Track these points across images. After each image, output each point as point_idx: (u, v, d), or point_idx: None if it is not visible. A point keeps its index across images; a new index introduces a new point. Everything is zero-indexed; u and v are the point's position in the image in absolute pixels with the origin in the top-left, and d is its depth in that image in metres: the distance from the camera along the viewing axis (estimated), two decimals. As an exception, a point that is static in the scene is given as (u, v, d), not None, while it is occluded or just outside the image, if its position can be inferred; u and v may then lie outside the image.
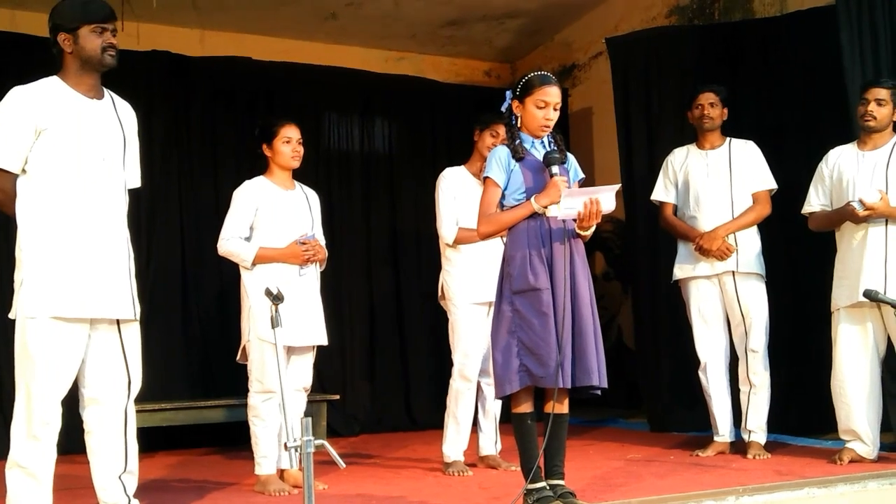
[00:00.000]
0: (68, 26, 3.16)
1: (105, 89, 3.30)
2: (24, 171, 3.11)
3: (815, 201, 4.53)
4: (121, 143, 3.28)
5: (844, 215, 4.29)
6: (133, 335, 3.27)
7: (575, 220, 3.30)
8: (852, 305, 4.28)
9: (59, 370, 3.06)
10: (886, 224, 4.21)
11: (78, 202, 3.12)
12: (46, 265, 3.06)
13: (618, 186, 3.37)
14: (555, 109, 3.40)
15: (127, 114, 3.36)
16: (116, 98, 3.34)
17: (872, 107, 4.33)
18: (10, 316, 3.14)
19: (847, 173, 4.37)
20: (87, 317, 3.11)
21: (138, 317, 3.28)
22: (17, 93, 3.12)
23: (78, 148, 3.13)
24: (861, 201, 4.17)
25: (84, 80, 3.20)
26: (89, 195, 3.14)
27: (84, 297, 3.08)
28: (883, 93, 4.32)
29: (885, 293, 4.06)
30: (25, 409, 3.04)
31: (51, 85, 3.16)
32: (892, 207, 4.18)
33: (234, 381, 4.80)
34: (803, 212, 4.58)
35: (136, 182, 3.43)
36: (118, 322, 3.21)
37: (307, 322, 4.16)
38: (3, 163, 3.08)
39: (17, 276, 3.11)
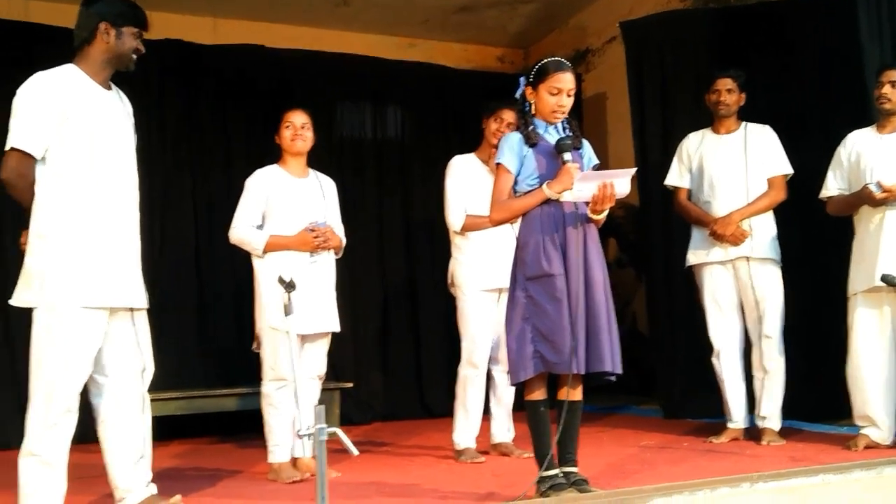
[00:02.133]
0: (117, 20, 3.20)
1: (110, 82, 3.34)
2: (42, 159, 3.11)
3: (833, 185, 4.48)
4: (132, 133, 3.34)
5: (862, 198, 4.25)
6: (144, 323, 3.32)
7: (588, 203, 3.27)
8: (869, 290, 4.24)
9: (84, 358, 3.09)
10: None
11: (97, 191, 3.14)
12: (69, 254, 3.07)
13: (633, 170, 3.34)
14: (568, 96, 3.38)
15: (130, 107, 3.41)
16: (119, 91, 3.38)
17: (887, 89, 4.29)
18: (12, 302, 3.12)
19: (865, 157, 4.33)
20: (109, 306, 3.14)
21: (147, 305, 3.32)
22: (41, 78, 3.13)
23: (96, 137, 3.16)
24: (879, 184, 4.12)
25: (102, 73, 3.24)
26: (108, 184, 3.17)
27: (106, 286, 3.11)
28: None
29: None
30: (45, 398, 3.04)
31: (71, 73, 3.19)
32: None
33: (248, 369, 4.81)
34: (821, 196, 4.53)
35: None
36: (132, 310, 3.24)
37: (319, 309, 4.16)
38: (28, 146, 3.06)
39: (34, 263, 3.08)
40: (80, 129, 3.11)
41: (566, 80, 3.36)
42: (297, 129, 4.23)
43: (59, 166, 3.11)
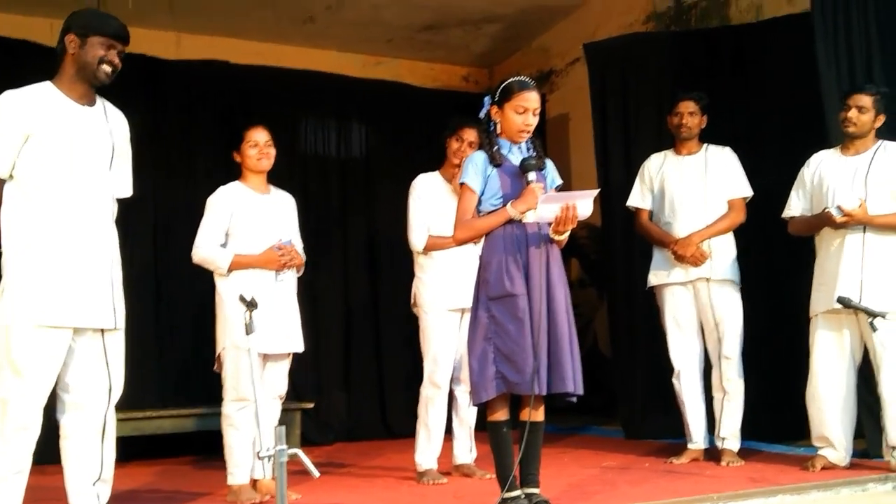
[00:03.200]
0: (81, 30, 3.17)
1: (98, 97, 3.30)
2: (11, 176, 3.10)
3: (796, 205, 4.53)
4: (109, 150, 3.28)
5: (823, 221, 4.30)
6: (116, 343, 3.27)
7: (550, 224, 3.29)
8: (829, 312, 4.28)
9: (40, 377, 3.05)
10: (864, 231, 4.22)
11: (64, 209, 3.11)
12: (30, 272, 3.05)
13: (595, 192, 3.37)
14: (534, 114, 3.40)
15: (118, 122, 3.36)
16: (109, 105, 3.34)
17: (853, 113, 4.34)
18: None
19: (828, 178, 4.38)
20: (69, 325, 3.09)
21: (121, 325, 3.28)
22: (6, 97, 3.12)
23: (65, 154, 3.12)
24: (839, 208, 4.17)
25: (76, 87, 3.21)
26: (76, 202, 3.14)
27: (67, 305, 3.07)
28: (865, 100, 4.32)
29: (860, 300, 4.08)
30: (1, 415, 3.00)
31: (43, 90, 3.17)
32: (870, 215, 4.19)
33: (207, 389, 4.75)
34: (784, 216, 4.58)
35: (126, 191, 3.44)
36: (102, 330, 3.20)
37: (284, 329, 4.13)
38: None
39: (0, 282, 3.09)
40: (47, 147, 3.09)
41: (532, 98, 3.38)
42: (262, 147, 4.21)
43: (25, 184, 3.09)
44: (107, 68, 3.19)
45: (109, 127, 3.29)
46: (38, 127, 3.08)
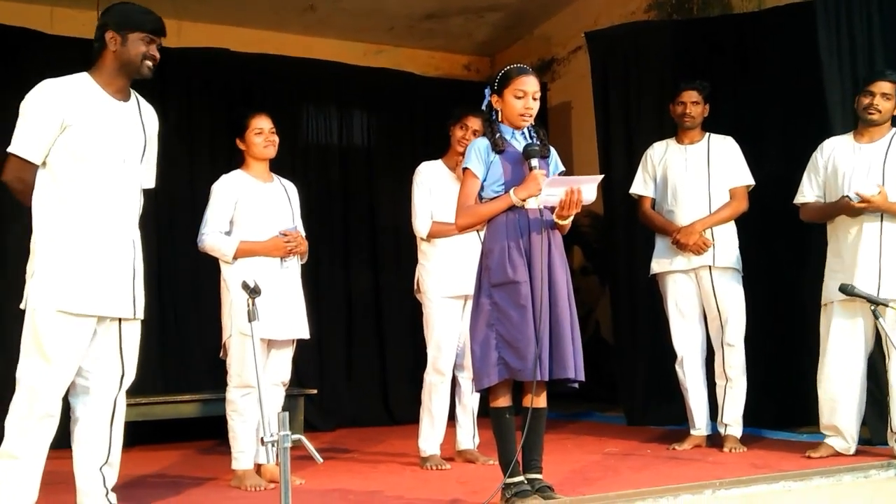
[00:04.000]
0: (120, 27, 3.20)
1: (133, 91, 3.34)
2: (44, 163, 3.15)
3: (809, 192, 4.47)
4: (141, 146, 3.33)
5: (840, 209, 4.25)
6: (132, 333, 3.31)
7: (553, 209, 3.30)
8: (846, 300, 4.19)
9: (64, 363, 3.09)
10: (882, 220, 4.18)
11: (93, 200, 3.16)
12: (57, 259, 3.10)
13: (600, 177, 3.38)
14: (534, 98, 3.40)
15: (150, 117, 3.42)
16: (142, 101, 3.39)
17: (878, 100, 4.27)
18: (21, 306, 3.16)
19: (843, 166, 4.32)
20: (91, 313, 3.13)
21: (140, 315, 3.32)
22: (47, 85, 3.16)
23: (100, 147, 3.16)
24: (857, 194, 4.12)
25: (115, 82, 3.25)
26: (105, 194, 3.18)
27: (90, 293, 3.12)
28: (888, 87, 4.27)
29: (879, 289, 4.07)
30: (27, 401, 3.05)
31: (81, 81, 3.21)
32: (890, 203, 4.14)
33: (211, 375, 4.77)
34: (796, 201, 4.53)
35: (151, 183, 3.50)
36: (120, 319, 3.24)
37: (289, 315, 4.14)
38: (27, 153, 3.12)
39: (30, 266, 3.14)
40: (80, 138, 3.12)
41: (530, 82, 3.39)
42: (268, 134, 4.22)
43: (58, 173, 3.14)
44: (150, 63, 3.26)
45: (143, 122, 3.35)
46: (75, 117, 3.12)
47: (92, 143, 3.14)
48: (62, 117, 3.11)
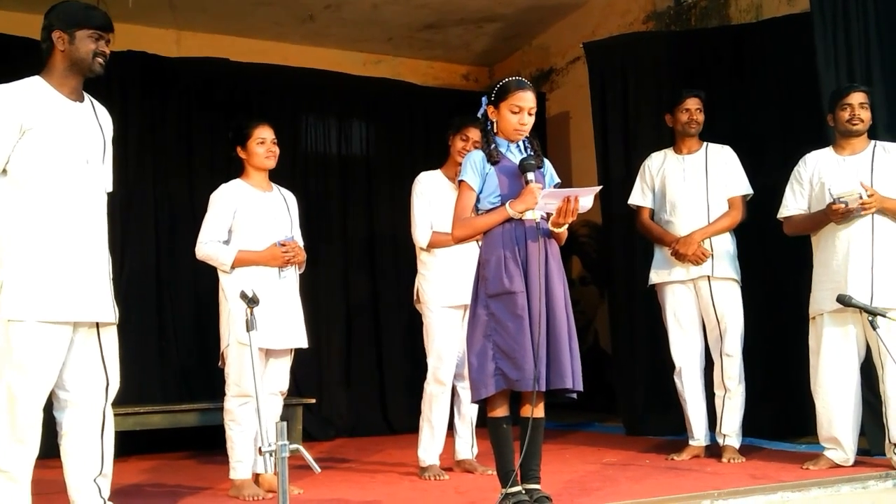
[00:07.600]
0: (67, 25, 3.15)
1: (84, 93, 3.29)
2: (4, 171, 3.08)
3: (793, 205, 4.49)
4: (101, 146, 3.28)
5: (829, 215, 4.22)
6: (111, 338, 3.27)
7: (550, 216, 3.30)
8: (837, 311, 4.20)
9: (44, 373, 3.05)
10: (872, 227, 4.18)
11: (60, 203, 3.10)
12: (31, 267, 3.04)
13: (598, 188, 3.39)
14: (529, 114, 3.41)
15: (105, 118, 3.36)
16: (95, 102, 3.34)
17: (858, 110, 4.30)
18: None
19: (829, 179, 4.32)
20: (71, 320, 3.09)
21: (117, 320, 3.27)
22: (0, 91, 3.09)
23: (61, 149, 3.12)
24: (857, 198, 4.11)
25: (68, 82, 3.19)
26: (72, 196, 3.13)
27: (68, 300, 3.07)
28: (862, 96, 4.31)
29: (872, 298, 4.07)
30: (9, 413, 3.00)
31: (34, 85, 3.16)
32: (889, 199, 4.14)
33: (209, 384, 4.76)
34: (780, 216, 4.54)
35: (110, 185, 3.42)
36: (97, 325, 3.20)
37: (287, 325, 4.14)
38: None
39: None
40: (40, 141, 3.08)
41: (527, 98, 3.40)
42: (269, 144, 4.22)
43: (20, 179, 3.08)
44: (101, 60, 3.20)
45: (99, 123, 3.30)
46: (34, 121, 3.07)
47: (53, 146, 3.09)
48: (20, 122, 3.05)
